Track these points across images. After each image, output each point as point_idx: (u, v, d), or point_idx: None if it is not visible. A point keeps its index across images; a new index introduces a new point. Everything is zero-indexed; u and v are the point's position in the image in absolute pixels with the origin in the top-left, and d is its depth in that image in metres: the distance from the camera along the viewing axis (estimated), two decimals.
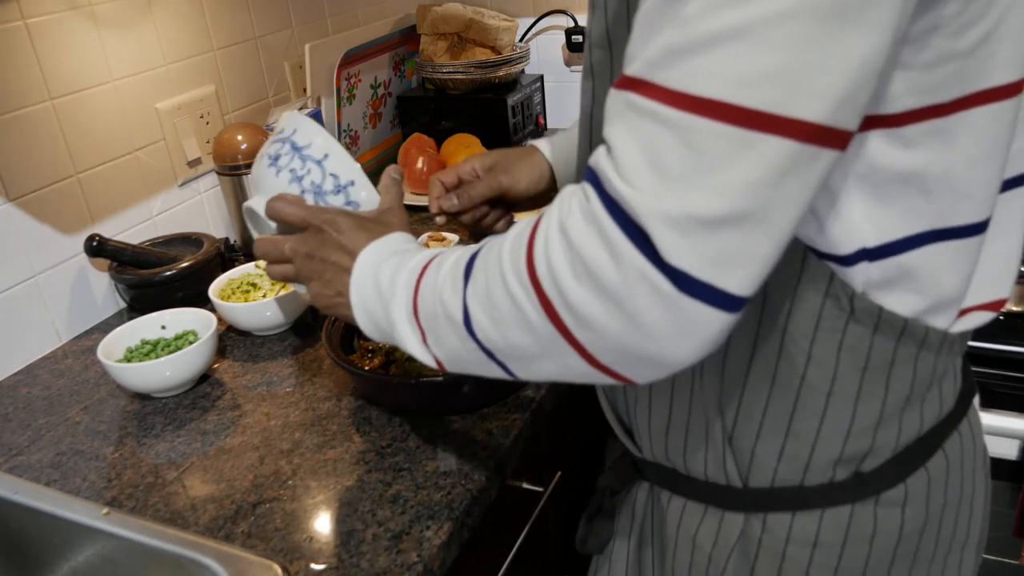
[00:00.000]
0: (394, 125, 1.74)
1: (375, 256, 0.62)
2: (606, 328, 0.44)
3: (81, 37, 1.08)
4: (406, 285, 0.58)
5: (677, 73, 0.40)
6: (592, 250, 0.43)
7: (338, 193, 0.70)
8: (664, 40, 0.41)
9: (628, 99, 0.43)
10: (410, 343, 0.58)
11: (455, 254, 0.56)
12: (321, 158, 0.70)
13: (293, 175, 0.70)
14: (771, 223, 0.41)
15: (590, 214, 0.44)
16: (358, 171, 0.71)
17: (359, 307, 0.62)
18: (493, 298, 0.50)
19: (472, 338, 0.52)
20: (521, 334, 0.49)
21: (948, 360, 0.59)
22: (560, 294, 0.45)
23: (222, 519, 0.75)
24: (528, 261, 0.47)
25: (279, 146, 0.72)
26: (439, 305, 0.54)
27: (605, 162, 0.44)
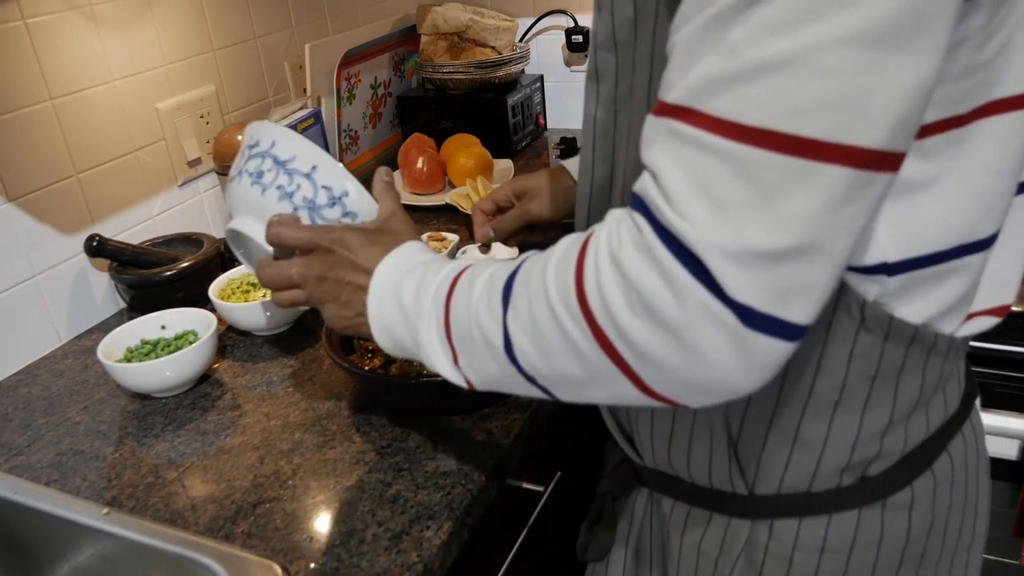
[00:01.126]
0: (394, 125, 1.74)
1: (393, 272, 0.60)
2: (666, 360, 0.43)
3: (81, 37, 1.08)
4: (435, 304, 0.56)
5: (725, 102, 0.40)
6: (649, 282, 0.42)
7: (333, 206, 0.66)
8: (709, 67, 0.40)
9: (672, 127, 0.42)
10: (439, 363, 0.57)
11: (487, 271, 0.54)
12: (309, 171, 0.66)
13: (282, 192, 0.66)
14: (831, 251, 0.41)
15: (644, 245, 0.42)
16: (350, 179, 0.67)
17: (379, 326, 0.60)
18: (539, 326, 0.48)
19: (513, 364, 0.51)
20: (570, 362, 0.48)
21: (953, 364, 0.59)
22: (615, 326, 0.44)
23: (222, 519, 0.75)
24: (578, 290, 0.45)
25: (259, 161, 0.67)
26: (476, 328, 0.53)
27: (654, 191, 0.43)
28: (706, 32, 0.41)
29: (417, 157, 1.45)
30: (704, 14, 0.41)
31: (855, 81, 0.38)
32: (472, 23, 1.59)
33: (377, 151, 1.69)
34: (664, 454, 0.66)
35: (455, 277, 0.56)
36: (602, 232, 0.46)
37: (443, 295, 0.55)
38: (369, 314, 0.60)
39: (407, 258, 0.60)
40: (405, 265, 0.60)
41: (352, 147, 1.59)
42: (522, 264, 0.52)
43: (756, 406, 0.57)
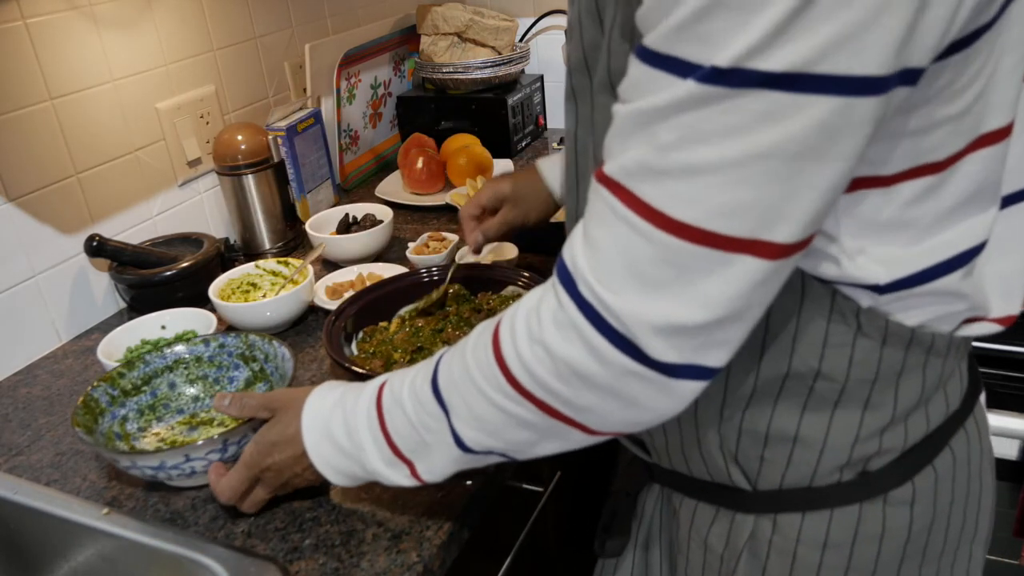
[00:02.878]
0: (394, 125, 1.74)
1: (316, 425, 0.64)
2: (605, 410, 0.49)
3: (81, 37, 1.08)
4: (370, 433, 0.61)
5: (655, 191, 0.43)
6: (575, 356, 0.47)
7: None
8: (641, 156, 0.43)
9: (606, 199, 0.46)
10: (395, 479, 0.61)
11: (404, 385, 0.59)
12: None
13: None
14: (745, 319, 0.46)
15: (566, 321, 0.47)
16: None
17: (332, 474, 0.65)
18: (483, 417, 0.53)
19: (469, 452, 0.57)
20: (520, 432, 0.53)
21: (955, 362, 0.59)
22: (554, 395, 0.49)
23: (222, 519, 0.75)
24: (507, 377, 0.51)
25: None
26: (423, 437, 0.58)
27: (583, 262, 0.47)
28: (636, 122, 0.44)
29: (417, 157, 1.45)
30: (632, 104, 0.44)
31: (775, 189, 0.41)
32: (472, 23, 1.59)
33: (377, 151, 1.69)
34: (667, 457, 0.67)
35: (376, 403, 0.61)
36: (517, 316, 0.51)
37: (376, 423, 0.60)
38: (320, 469, 0.65)
39: (318, 410, 0.65)
40: (321, 415, 0.65)
41: (352, 147, 1.59)
42: (438, 368, 0.57)
43: (756, 410, 0.57)
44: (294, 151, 1.35)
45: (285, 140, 1.33)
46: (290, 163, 1.34)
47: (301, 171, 1.37)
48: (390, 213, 1.26)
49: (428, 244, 1.22)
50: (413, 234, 1.32)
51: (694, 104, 0.41)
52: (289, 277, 1.11)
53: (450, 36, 1.63)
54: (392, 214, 1.26)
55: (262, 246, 1.30)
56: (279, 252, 1.30)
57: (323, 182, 1.45)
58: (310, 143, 1.39)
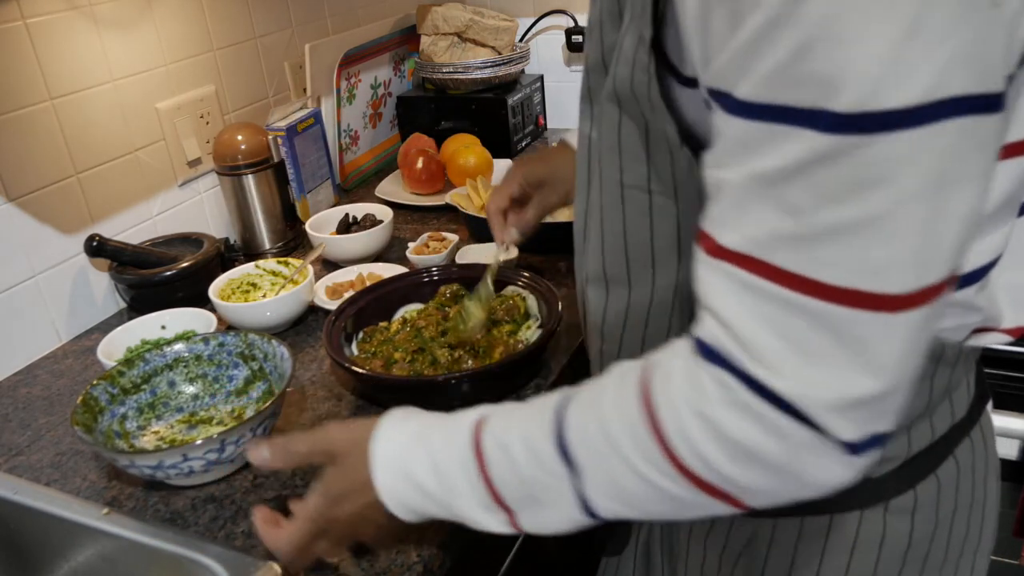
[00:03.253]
0: (394, 125, 1.74)
1: (388, 463, 0.57)
2: (774, 489, 0.45)
3: (81, 37, 1.08)
4: (467, 478, 0.54)
5: (797, 257, 0.40)
6: (751, 437, 0.43)
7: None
8: (772, 223, 0.40)
9: (735, 274, 0.42)
10: (490, 525, 0.55)
11: (510, 427, 0.53)
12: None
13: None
14: (912, 373, 0.42)
15: (738, 403, 0.42)
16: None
17: (407, 513, 0.58)
18: (626, 488, 0.48)
19: (592, 517, 0.51)
20: (663, 505, 0.48)
21: (962, 372, 0.59)
22: (721, 476, 0.44)
23: (222, 519, 0.74)
24: (667, 454, 0.45)
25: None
26: (535, 492, 0.51)
27: (731, 345, 0.43)
28: (756, 188, 0.40)
29: (417, 157, 1.45)
30: (745, 168, 0.41)
31: (924, 232, 0.38)
32: (472, 23, 1.59)
33: (377, 151, 1.69)
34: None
35: (474, 446, 0.54)
36: (672, 389, 0.45)
37: (474, 467, 0.53)
38: (393, 510, 0.57)
39: (391, 450, 0.58)
40: (396, 454, 0.57)
41: (352, 147, 1.59)
42: (566, 423, 0.50)
43: None
44: (294, 151, 1.35)
45: (285, 140, 1.33)
46: (290, 163, 1.34)
47: (301, 171, 1.37)
48: (390, 213, 1.26)
49: (428, 244, 1.22)
50: (413, 234, 1.32)
51: (823, 159, 0.38)
52: (289, 277, 1.11)
53: (450, 36, 1.62)
54: (392, 214, 1.26)
55: (262, 246, 1.30)
56: (279, 252, 1.30)
57: (323, 182, 1.45)
58: (310, 143, 1.39)
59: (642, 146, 0.57)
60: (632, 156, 0.58)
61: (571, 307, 1.05)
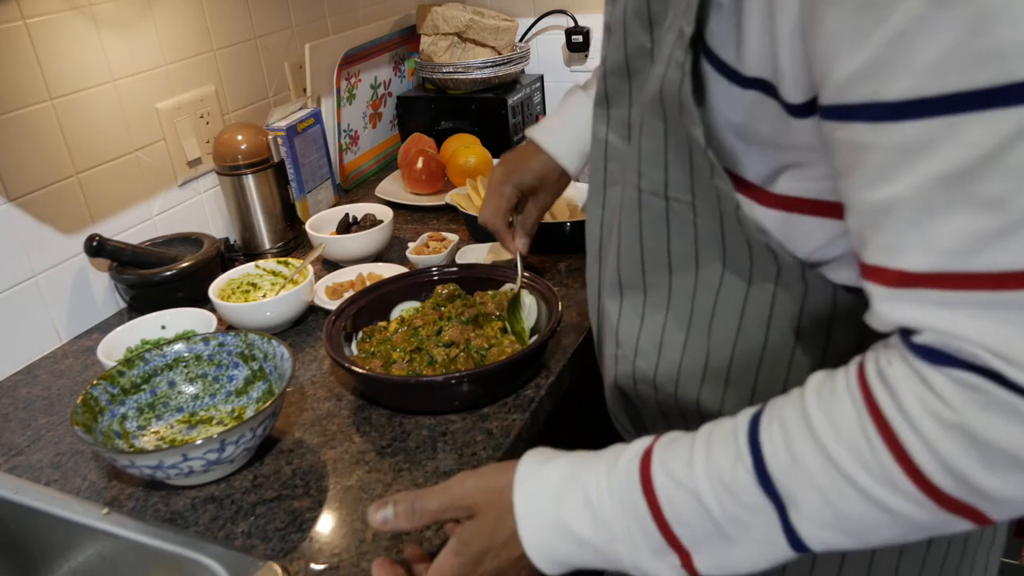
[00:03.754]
0: (394, 125, 1.74)
1: (536, 515, 0.52)
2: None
3: (81, 37, 1.08)
4: (637, 523, 0.49)
5: (1010, 254, 0.37)
6: (1015, 438, 0.38)
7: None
8: (968, 226, 0.37)
9: (939, 298, 0.39)
10: (656, 569, 0.50)
11: (691, 463, 0.48)
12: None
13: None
14: None
15: (996, 404, 0.38)
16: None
17: (554, 566, 0.53)
18: (852, 517, 0.44)
19: (801, 551, 0.47)
20: (895, 531, 0.44)
21: None
22: (973, 489, 0.40)
23: (222, 519, 0.75)
24: (908, 470, 0.41)
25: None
26: (723, 530, 0.47)
27: (969, 346, 0.39)
28: (939, 194, 0.37)
29: (417, 157, 1.45)
30: (918, 177, 0.38)
31: None
32: (472, 23, 1.59)
33: (377, 151, 1.69)
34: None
35: (644, 486, 0.49)
36: (905, 398, 0.41)
37: (644, 511, 0.49)
38: (540, 566, 0.53)
39: (537, 501, 0.52)
40: (544, 505, 0.52)
41: (352, 147, 1.59)
42: (763, 453, 0.46)
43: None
44: (294, 151, 1.35)
45: (285, 140, 1.33)
46: (290, 163, 1.34)
47: (301, 171, 1.37)
48: (390, 213, 1.26)
49: (428, 244, 1.22)
50: (413, 234, 1.32)
51: (1020, 135, 0.35)
52: (289, 277, 1.11)
53: (450, 36, 1.63)
54: (392, 214, 1.26)
55: (262, 246, 1.30)
56: (279, 252, 1.30)
57: (323, 182, 1.45)
58: (310, 143, 1.39)
59: (661, 151, 0.56)
60: (651, 161, 0.58)
61: (571, 307, 1.05)
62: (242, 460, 0.80)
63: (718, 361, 0.61)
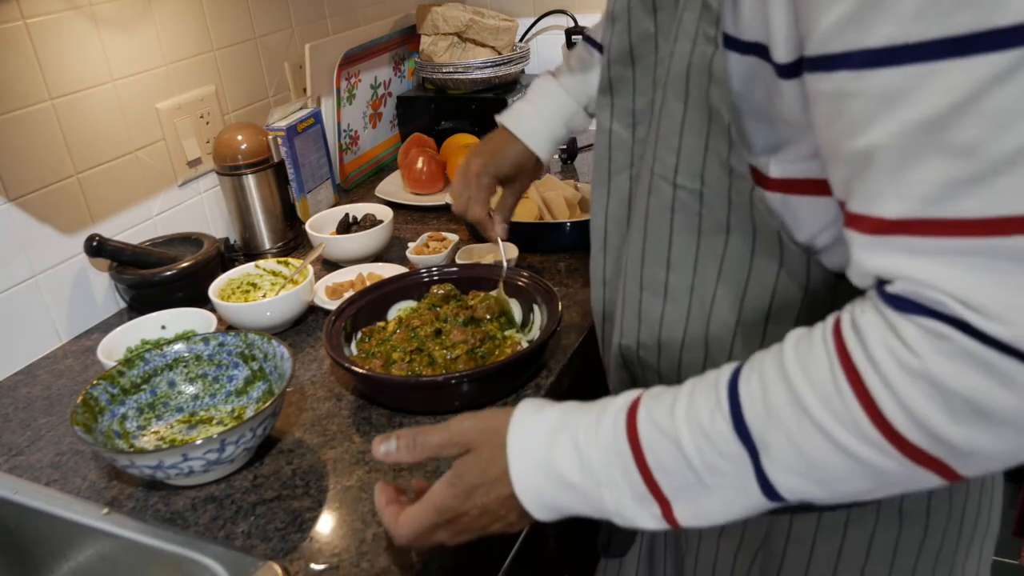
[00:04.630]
0: (394, 125, 1.74)
1: (527, 456, 0.54)
2: (996, 450, 0.41)
3: (81, 37, 1.08)
4: (620, 469, 0.50)
5: (983, 201, 0.37)
6: (981, 389, 0.39)
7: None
8: (943, 173, 0.38)
9: (915, 245, 0.39)
10: (638, 519, 0.51)
11: (673, 410, 0.49)
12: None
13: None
14: None
15: (960, 352, 0.39)
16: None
17: (543, 511, 0.54)
18: (822, 465, 0.44)
19: (773, 499, 0.47)
20: (864, 482, 0.45)
21: None
22: (938, 440, 0.41)
23: (222, 519, 0.75)
24: (875, 420, 0.41)
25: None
26: (700, 478, 0.48)
27: (937, 295, 0.39)
28: (915, 141, 0.38)
29: (417, 157, 1.45)
30: (896, 124, 0.38)
31: None
32: (472, 23, 1.59)
33: (377, 151, 1.69)
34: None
35: (629, 434, 0.50)
36: (873, 346, 0.41)
37: (628, 457, 0.50)
38: (528, 508, 0.54)
39: (529, 442, 0.54)
40: (536, 447, 0.54)
41: (352, 147, 1.59)
42: (740, 399, 0.47)
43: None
44: (294, 151, 1.35)
45: (285, 140, 1.33)
46: (290, 163, 1.34)
47: (301, 171, 1.37)
48: (390, 213, 1.26)
49: (428, 244, 1.22)
50: (413, 234, 1.32)
51: (993, 83, 0.35)
52: (289, 277, 1.11)
53: (450, 36, 1.63)
54: (392, 214, 1.26)
55: (262, 246, 1.30)
56: (279, 252, 1.30)
57: (323, 182, 1.45)
58: (310, 143, 1.39)
59: (677, 134, 0.56)
60: (665, 144, 0.57)
61: (571, 307, 1.05)
62: (242, 460, 0.80)
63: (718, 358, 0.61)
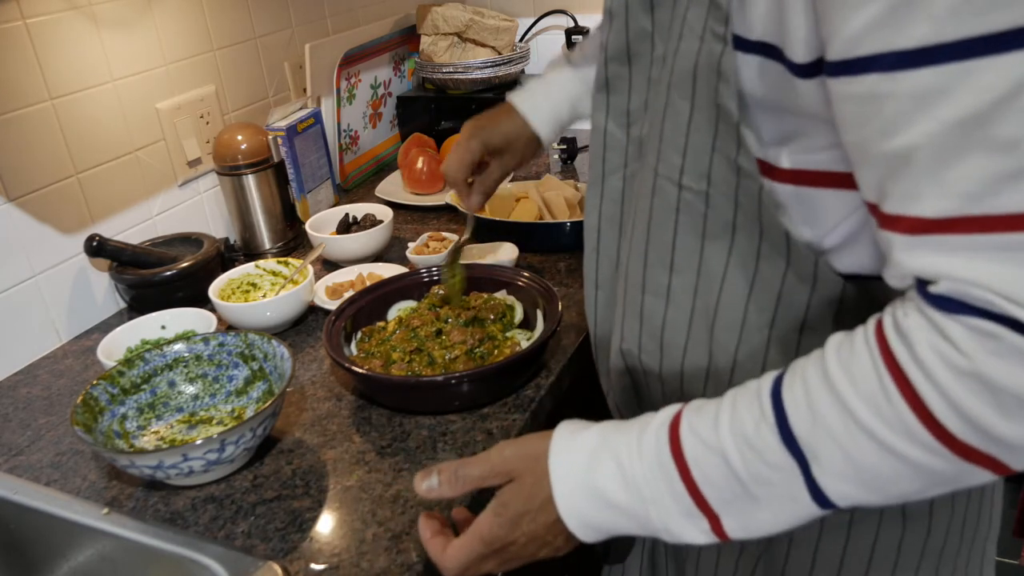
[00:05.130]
0: (394, 125, 1.74)
1: (570, 478, 0.53)
2: None
3: (81, 37, 1.08)
4: (667, 485, 0.50)
5: (1022, 196, 0.37)
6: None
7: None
8: (985, 169, 0.38)
9: (958, 243, 0.39)
10: (687, 534, 0.51)
11: (717, 423, 0.49)
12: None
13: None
14: None
15: (1011, 350, 0.38)
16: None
17: (588, 532, 0.54)
18: (872, 470, 0.44)
19: (824, 508, 0.47)
20: (915, 483, 0.44)
21: None
22: (990, 437, 0.40)
23: (222, 519, 0.75)
24: (924, 419, 0.41)
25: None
26: (752, 490, 0.48)
27: (983, 293, 0.39)
28: (956, 139, 0.38)
29: (417, 157, 1.45)
30: (934, 123, 0.38)
31: None
32: (472, 23, 1.59)
33: (377, 151, 1.69)
34: None
35: (673, 449, 0.50)
36: (919, 347, 0.41)
37: (674, 472, 0.50)
38: (574, 530, 0.54)
39: (571, 464, 0.54)
40: (578, 469, 0.53)
41: (352, 147, 1.59)
42: (785, 409, 0.46)
43: None
44: (294, 151, 1.35)
45: (285, 140, 1.33)
46: (290, 163, 1.34)
47: (301, 171, 1.37)
48: (390, 213, 1.26)
49: (428, 244, 1.22)
50: (413, 234, 1.32)
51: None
52: (289, 277, 1.11)
53: (450, 36, 1.63)
54: (392, 214, 1.26)
55: (262, 246, 1.30)
56: (279, 252, 1.30)
57: (323, 182, 1.45)
58: (310, 143, 1.39)
59: (683, 134, 0.55)
60: (671, 144, 0.57)
61: (571, 307, 1.05)
62: (242, 460, 0.80)
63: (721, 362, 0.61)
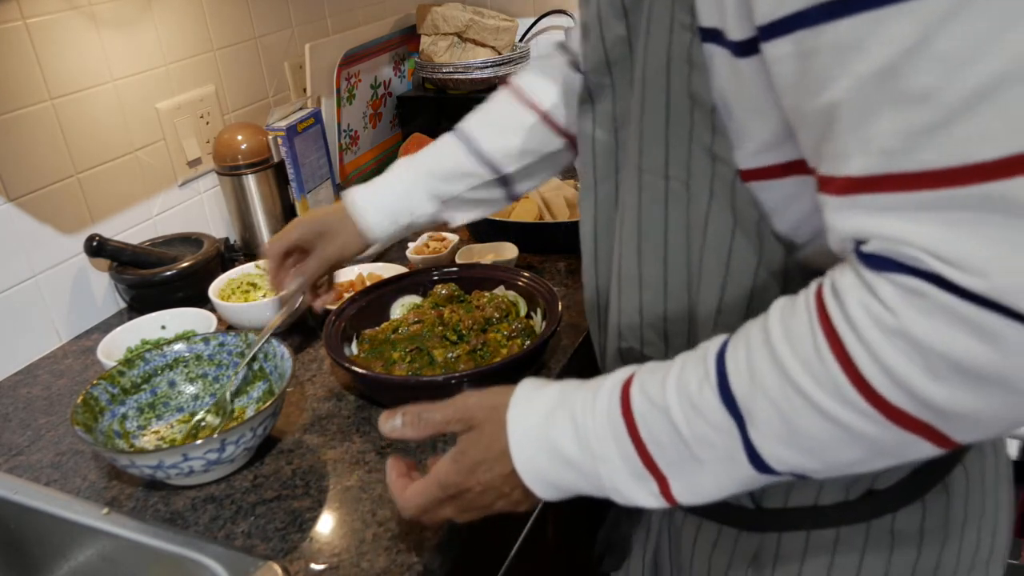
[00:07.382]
0: (394, 125, 1.74)
1: (526, 432, 0.54)
2: (984, 410, 0.39)
3: (81, 37, 1.08)
4: (615, 443, 0.50)
5: (944, 149, 0.36)
6: (960, 344, 0.37)
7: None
8: (901, 123, 0.37)
9: (879, 202, 0.39)
10: (637, 496, 0.51)
11: (665, 383, 0.49)
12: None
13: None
14: None
15: (937, 307, 0.37)
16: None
17: (545, 488, 0.55)
18: (807, 433, 0.43)
19: (763, 472, 0.47)
20: (851, 451, 0.43)
21: None
22: (921, 401, 0.39)
23: (222, 519, 0.75)
24: (856, 382, 0.40)
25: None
26: (695, 451, 0.47)
27: (911, 250, 0.38)
28: (872, 92, 0.37)
29: None
30: (851, 77, 0.38)
31: None
32: (472, 23, 1.59)
33: (377, 151, 1.69)
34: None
35: (623, 407, 0.50)
36: (850, 306, 0.40)
37: (623, 431, 0.50)
38: (530, 485, 0.55)
39: (528, 418, 0.54)
40: (535, 423, 0.54)
41: (352, 147, 1.59)
42: (725, 368, 0.46)
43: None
44: (294, 151, 1.35)
45: (285, 140, 1.33)
46: (290, 163, 1.34)
47: (301, 171, 1.37)
48: None
49: (428, 244, 1.22)
50: (413, 234, 1.31)
51: (943, 22, 0.34)
52: None
53: (450, 36, 1.62)
54: None
55: (262, 246, 1.30)
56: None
57: (323, 182, 1.44)
58: (310, 143, 1.39)
59: (663, 126, 0.55)
60: (652, 138, 0.56)
61: (571, 307, 1.05)
62: (242, 460, 0.80)
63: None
